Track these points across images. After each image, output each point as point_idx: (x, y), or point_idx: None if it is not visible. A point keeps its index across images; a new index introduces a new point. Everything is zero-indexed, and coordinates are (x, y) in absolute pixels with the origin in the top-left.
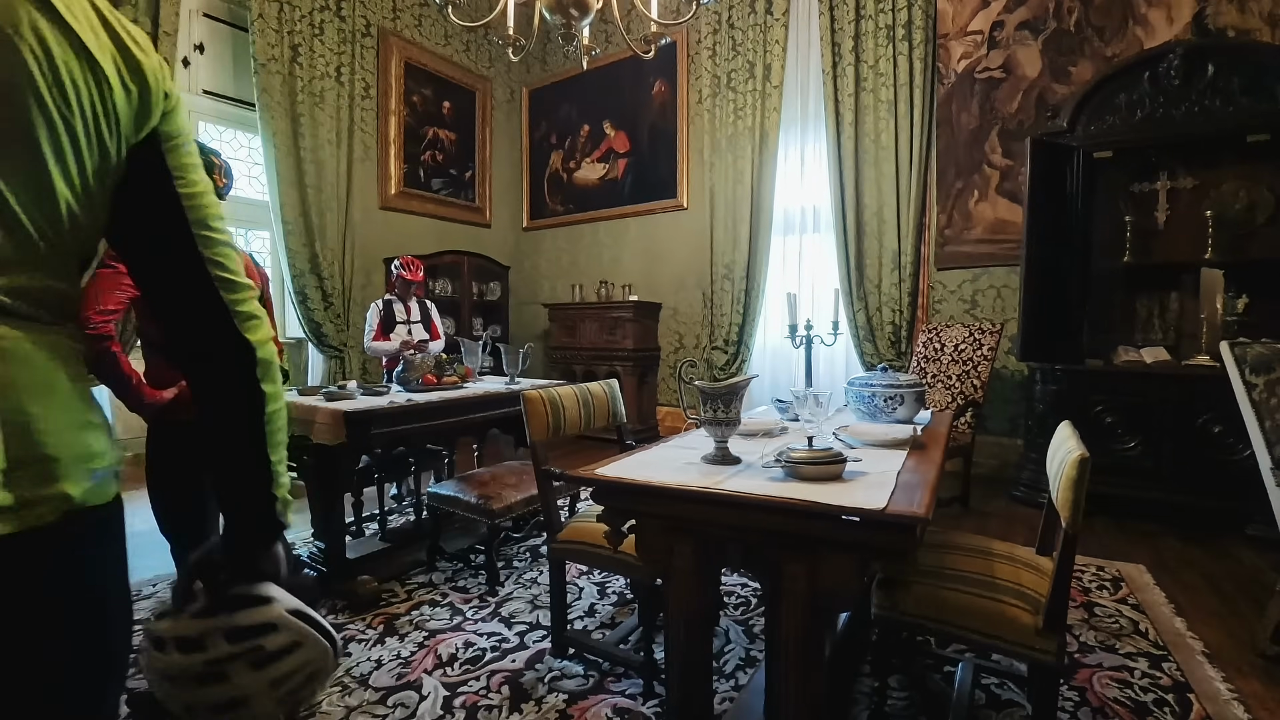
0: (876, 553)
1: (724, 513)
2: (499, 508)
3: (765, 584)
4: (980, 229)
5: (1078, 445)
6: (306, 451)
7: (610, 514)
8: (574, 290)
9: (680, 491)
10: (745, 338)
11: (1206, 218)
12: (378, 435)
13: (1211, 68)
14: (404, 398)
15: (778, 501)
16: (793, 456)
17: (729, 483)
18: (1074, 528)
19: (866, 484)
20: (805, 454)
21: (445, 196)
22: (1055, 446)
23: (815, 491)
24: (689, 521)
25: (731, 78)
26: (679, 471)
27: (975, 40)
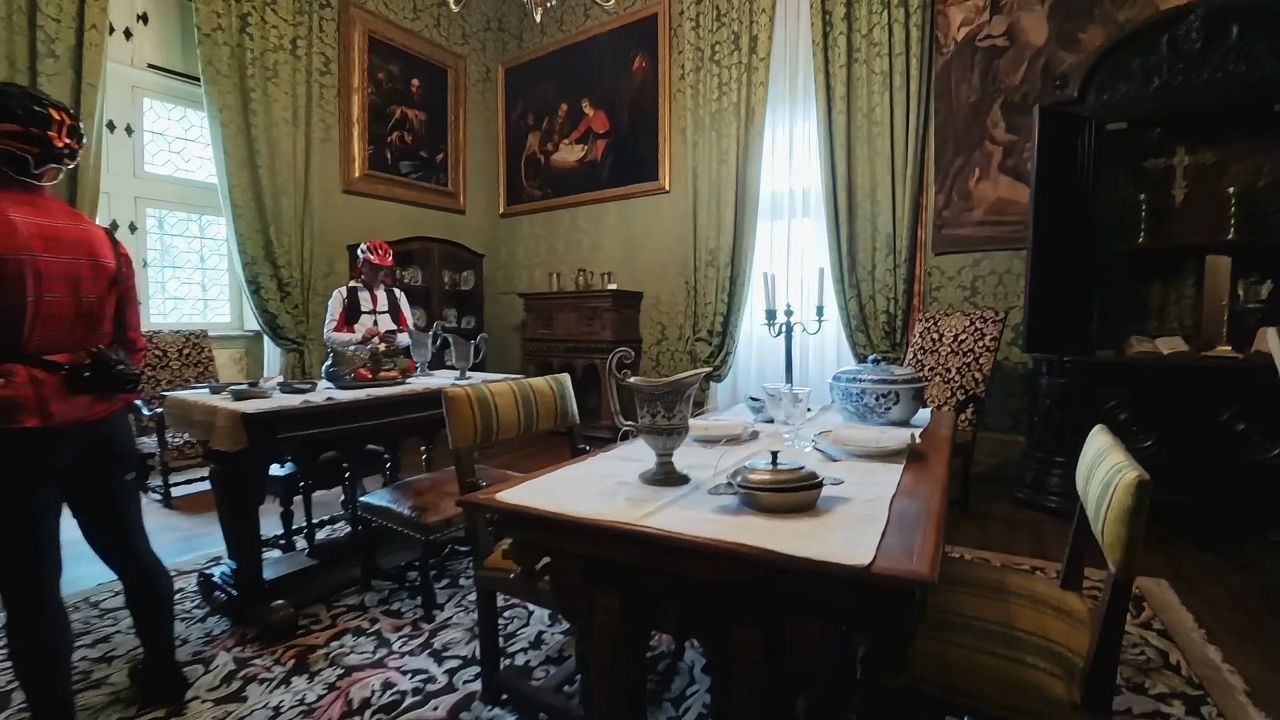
0: (861, 623)
1: (655, 557)
2: (435, 521)
3: (711, 653)
4: (981, 210)
5: (1129, 462)
6: (214, 458)
7: (520, 549)
8: (551, 279)
9: (592, 526)
10: (730, 328)
11: (1229, 195)
12: (285, 440)
13: (1236, 29)
14: (323, 396)
15: (718, 547)
16: (750, 479)
17: (663, 514)
18: (1128, 574)
19: (848, 519)
20: (766, 475)
21: (415, 180)
22: (1093, 460)
23: (776, 531)
24: (614, 566)
25: (716, 50)
26: (605, 495)
27: (976, 5)
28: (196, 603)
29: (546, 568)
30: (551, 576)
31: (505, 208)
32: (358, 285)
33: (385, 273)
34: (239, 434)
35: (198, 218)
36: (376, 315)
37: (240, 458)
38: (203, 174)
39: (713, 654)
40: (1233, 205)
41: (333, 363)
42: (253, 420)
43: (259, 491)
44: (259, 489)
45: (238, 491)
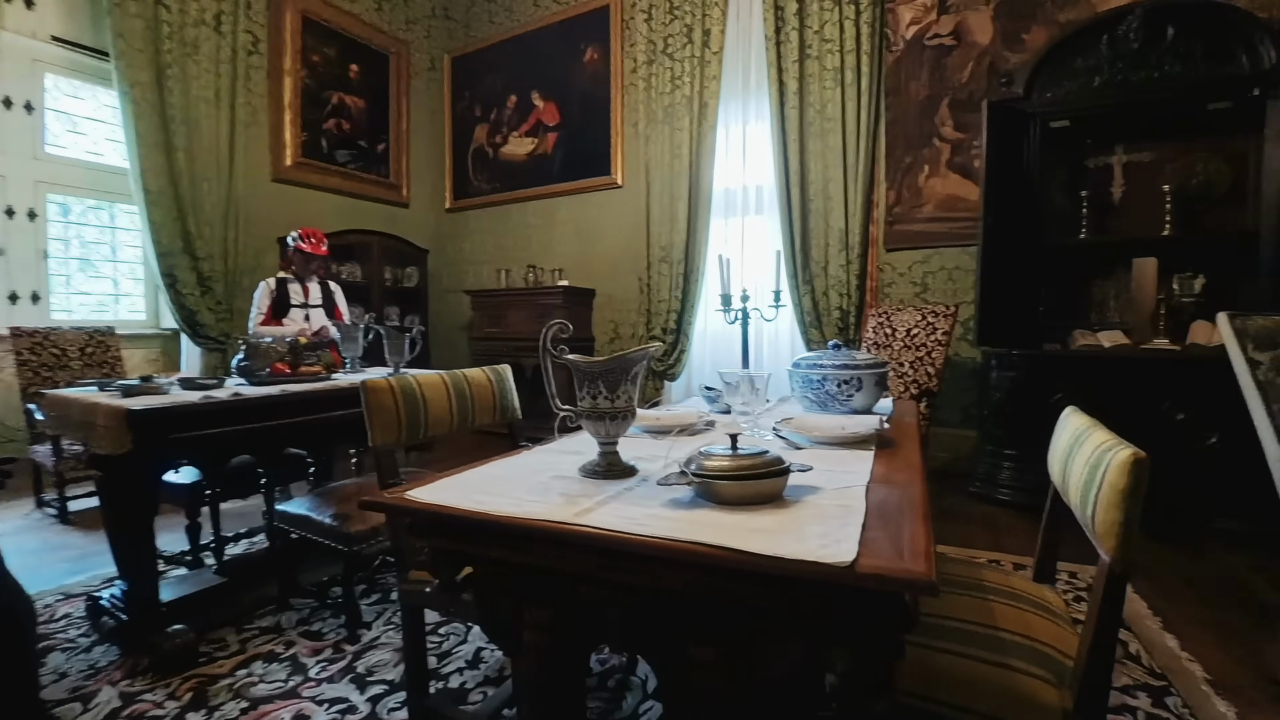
0: (841, 634)
1: (595, 562)
2: (360, 530)
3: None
4: (931, 206)
5: (1118, 440)
6: (97, 464)
7: (437, 558)
8: (500, 276)
9: (518, 527)
10: (684, 325)
11: (1164, 193)
12: (181, 441)
13: (1172, 30)
14: (228, 393)
15: (667, 547)
16: (706, 466)
17: (603, 510)
18: (1125, 564)
19: (820, 512)
20: (725, 462)
21: (354, 170)
22: (1070, 443)
23: (738, 527)
24: (546, 574)
25: (668, 43)
26: (537, 491)
27: (925, 4)
28: (83, 630)
29: (467, 580)
30: (473, 590)
31: (452, 202)
32: (287, 277)
33: (319, 264)
34: (123, 435)
35: (109, 206)
36: (308, 309)
37: (127, 462)
38: (114, 157)
39: (663, 675)
40: (1168, 203)
41: (245, 356)
42: (139, 418)
43: (150, 501)
44: (150, 499)
45: (125, 501)
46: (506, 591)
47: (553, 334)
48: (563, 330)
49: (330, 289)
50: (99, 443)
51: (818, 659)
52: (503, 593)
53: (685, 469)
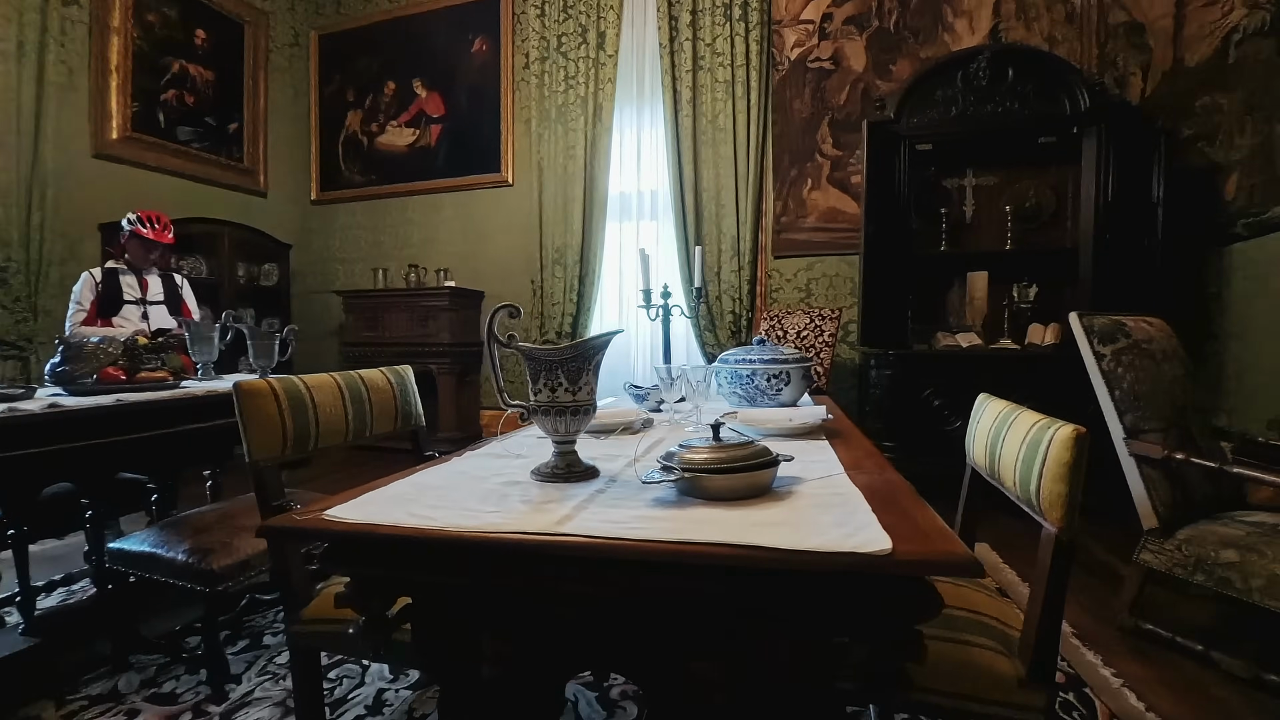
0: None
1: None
2: (226, 565)
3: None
4: (814, 217)
5: (1051, 419)
6: None
7: (362, 591)
8: (377, 276)
9: (489, 543)
10: (580, 329)
11: (1006, 212)
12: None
13: (1012, 72)
14: (40, 404)
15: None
16: (690, 460)
17: (583, 516)
18: (1070, 532)
19: (817, 501)
20: (711, 454)
21: (198, 150)
22: (997, 424)
23: (743, 523)
24: (512, 597)
25: (563, 41)
26: (490, 499)
27: (807, 29)
28: None
29: (403, 613)
30: (414, 623)
31: (318, 193)
32: (119, 267)
33: (161, 253)
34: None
35: None
36: (147, 306)
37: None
38: None
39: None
40: (1009, 221)
41: (62, 360)
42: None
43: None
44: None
45: None
46: (463, 620)
47: (500, 319)
48: (512, 314)
49: (176, 282)
50: None
51: (828, 659)
52: (451, 625)
53: (669, 464)
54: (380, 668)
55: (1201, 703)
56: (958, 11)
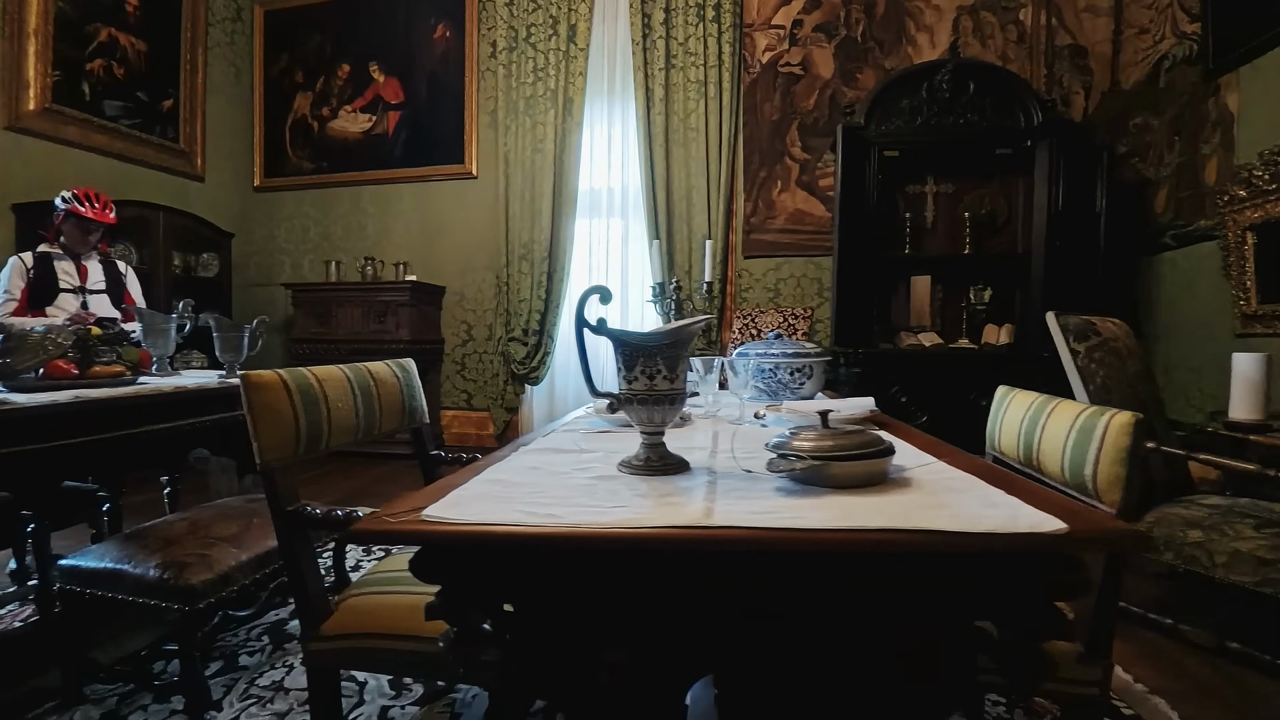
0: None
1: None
2: (205, 580)
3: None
4: (783, 218)
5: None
6: None
7: (456, 599)
8: (330, 268)
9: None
10: (549, 327)
11: (965, 219)
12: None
13: (973, 85)
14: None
15: (874, 539)
16: (804, 447)
17: (720, 508)
18: (1128, 515)
19: (943, 485)
20: (830, 441)
21: (127, 128)
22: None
23: (890, 509)
24: (634, 598)
25: (532, 32)
26: (599, 495)
27: (778, 34)
28: None
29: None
30: (515, 634)
31: (262, 179)
32: (53, 251)
33: (101, 235)
34: None
35: None
36: (86, 294)
37: None
38: None
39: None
40: (968, 228)
41: (2, 351)
42: None
43: None
44: None
45: None
46: (577, 628)
47: (590, 301)
48: (603, 298)
49: (119, 269)
50: None
51: (971, 648)
52: (569, 631)
53: (784, 452)
54: (379, 684)
55: (1176, 672)
56: (919, 26)
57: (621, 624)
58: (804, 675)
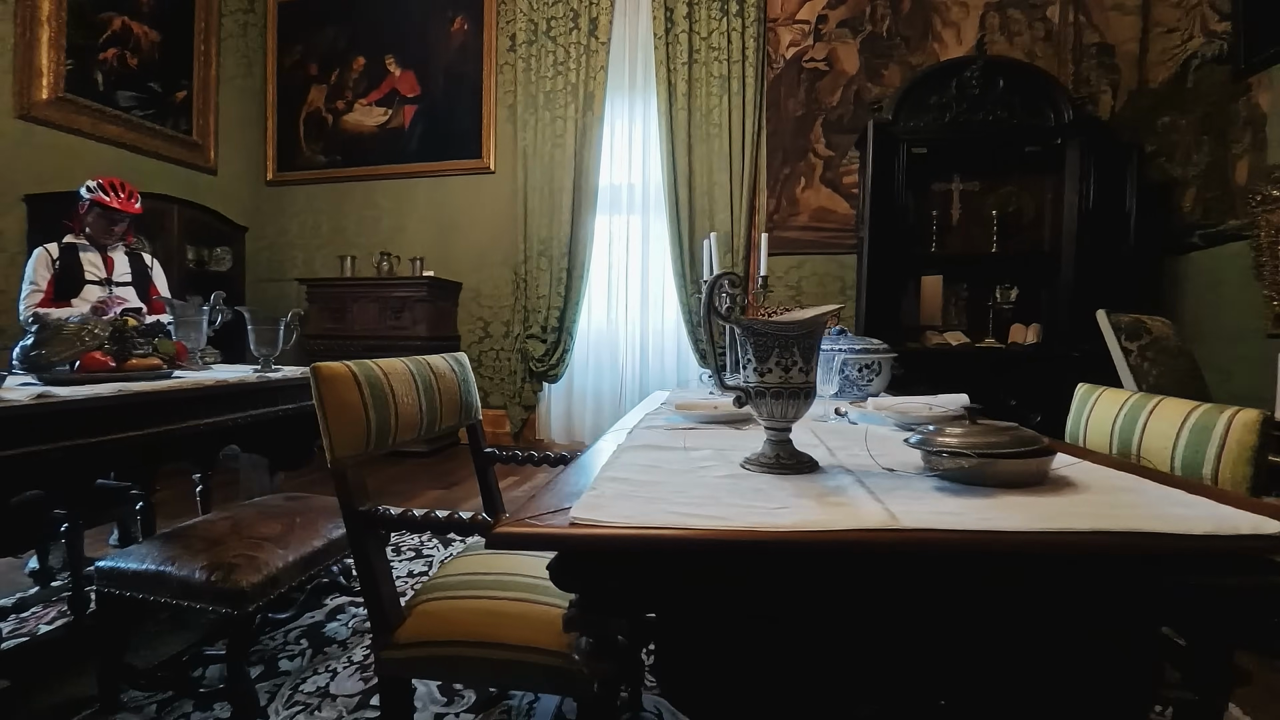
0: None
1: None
2: (255, 583)
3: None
4: (806, 215)
5: (1214, 404)
6: None
7: (596, 607)
8: (344, 264)
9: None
10: (568, 324)
11: (992, 217)
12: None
13: (1002, 82)
14: (27, 393)
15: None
16: (952, 444)
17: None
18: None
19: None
20: (973, 436)
21: (140, 119)
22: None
23: (1081, 508)
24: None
25: (552, 25)
26: (744, 495)
27: (803, 29)
28: None
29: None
30: (660, 645)
31: (275, 173)
32: (79, 242)
33: (128, 225)
34: None
35: None
36: (112, 286)
37: None
38: None
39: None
40: (995, 225)
41: (36, 342)
42: None
43: None
44: None
45: None
46: (727, 639)
47: (718, 287)
48: (733, 282)
49: (145, 261)
50: None
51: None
52: (718, 643)
53: (954, 451)
54: (429, 690)
55: None
56: (946, 22)
57: (777, 634)
58: (985, 683)
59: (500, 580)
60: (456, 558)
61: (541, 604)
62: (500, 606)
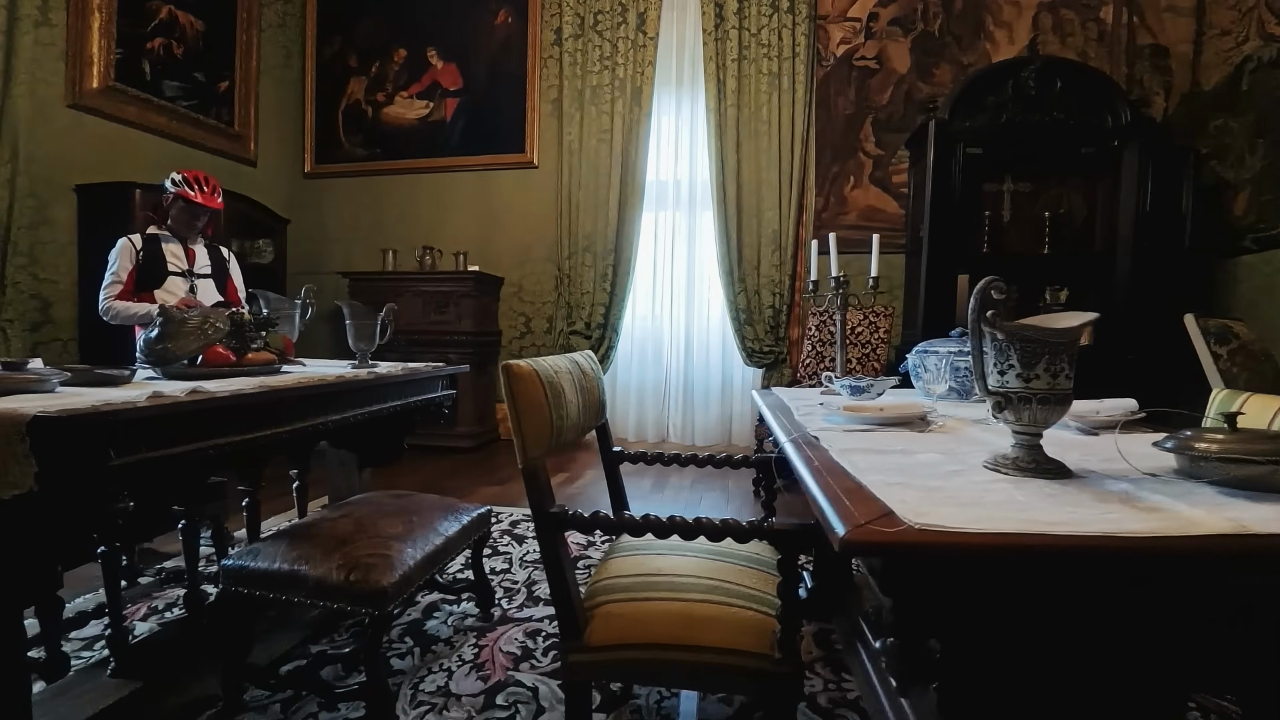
0: None
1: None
2: (393, 582)
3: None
4: (854, 214)
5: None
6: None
7: (911, 613)
8: (386, 257)
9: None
10: (613, 321)
11: (1045, 218)
12: (124, 470)
13: (1059, 83)
14: (178, 388)
15: None
16: (1211, 449)
17: (1209, 511)
18: None
19: None
20: (1243, 440)
21: (185, 109)
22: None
23: None
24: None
25: (599, 19)
26: (1041, 499)
27: (854, 27)
28: None
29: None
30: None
31: (312, 165)
32: (161, 234)
33: (208, 219)
34: (21, 460)
35: None
36: (194, 279)
37: (19, 513)
38: None
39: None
40: (1047, 226)
41: (159, 335)
42: (67, 426)
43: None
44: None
45: None
46: (1048, 648)
47: (985, 296)
48: (999, 290)
49: (223, 255)
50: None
51: None
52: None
53: (1250, 457)
54: (550, 689)
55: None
56: (998, 22)
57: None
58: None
59: (674, 582)
60: (610, 559)
61: (734, 607)
62: (694, 610)
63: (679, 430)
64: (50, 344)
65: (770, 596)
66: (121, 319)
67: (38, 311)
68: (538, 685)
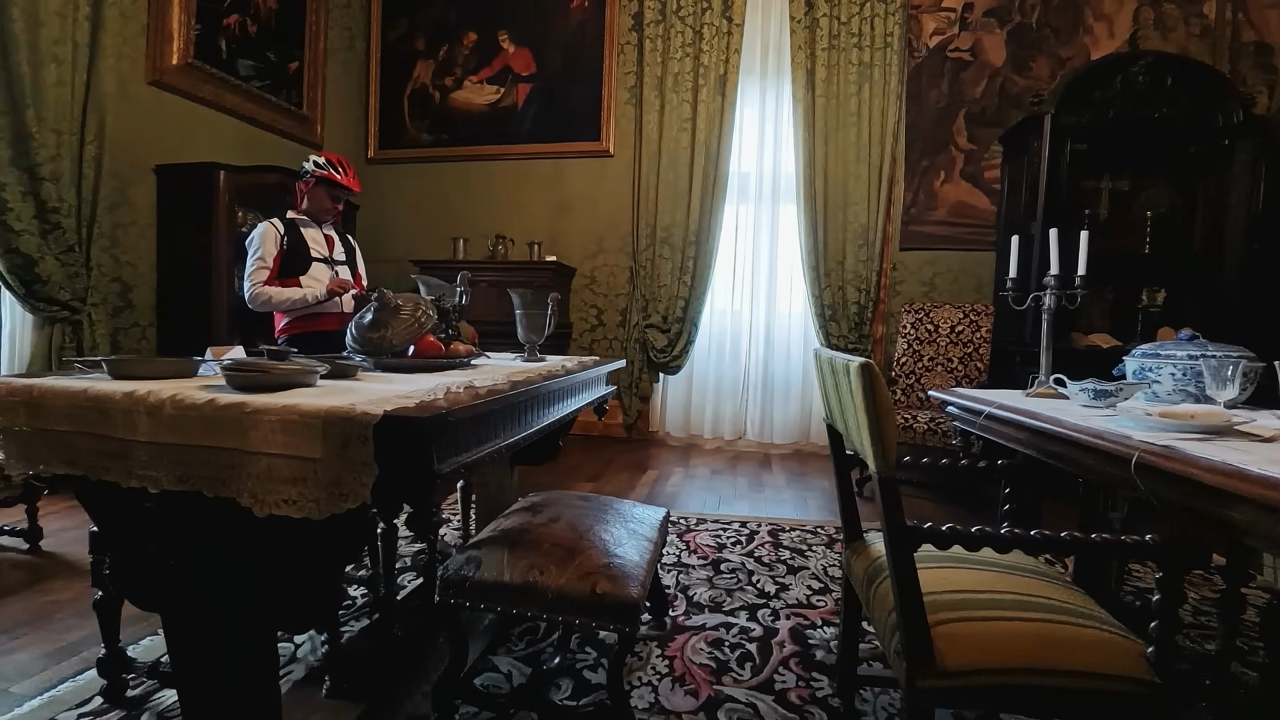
0: None
1: None
2: (641, 594)
3: None
4: (944, 210)
5: None
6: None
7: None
8: (456, 245)
9: None
10: (692, 314)
11: (1146, 217)
12: (442, 475)
13: (1170, 79)
14: (455, 380)
15: None
16: None
17: None
18: None
19: None
20: None
21: (258, 89)
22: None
23: None
24: None
25: (681, 5)
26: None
27: (948, 18)
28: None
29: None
30: None
31: (376, 151)
32: (299, 218)
33: (344, 203)
34: (352, 470)
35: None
36: (335, 266)
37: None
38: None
39: None
40: (1149, 226)
41: (373, 323)
42: (405, 431)
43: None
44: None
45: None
46: None
47: None
48: None
49: (351, 242)
50: (312, 490)
51: None
52: None
53: None
54: (770, 707)
55: None
56: (1098, 15)
57: None
58: None
59: (998, 599)
60: None
61: (1084, 627)
62: (1047, 630)
63: (756, 427)
64: (130, 330)
65: (1099, 613)
66: (274, 305)
67: (119, 296)
68: (754, 701)
